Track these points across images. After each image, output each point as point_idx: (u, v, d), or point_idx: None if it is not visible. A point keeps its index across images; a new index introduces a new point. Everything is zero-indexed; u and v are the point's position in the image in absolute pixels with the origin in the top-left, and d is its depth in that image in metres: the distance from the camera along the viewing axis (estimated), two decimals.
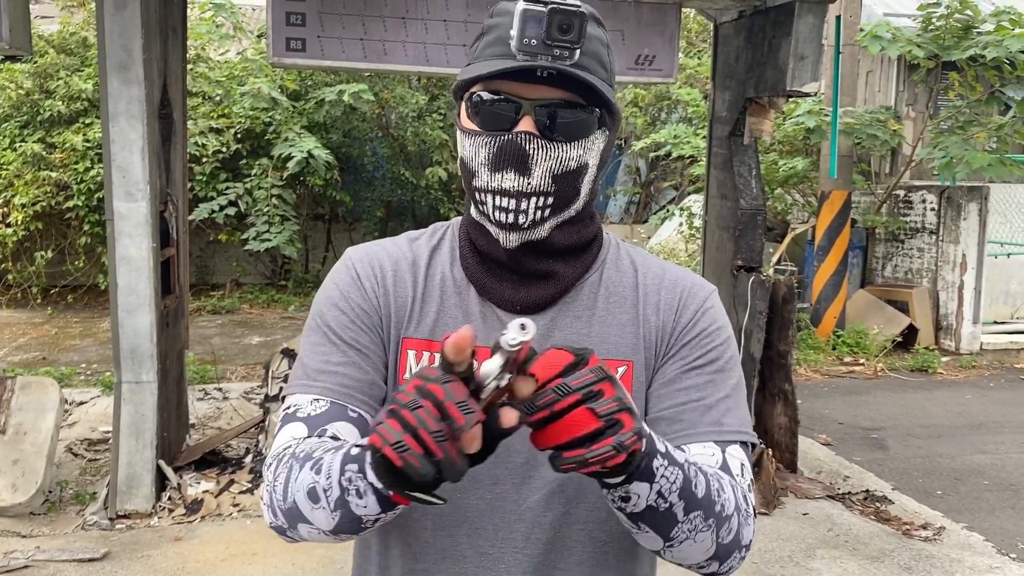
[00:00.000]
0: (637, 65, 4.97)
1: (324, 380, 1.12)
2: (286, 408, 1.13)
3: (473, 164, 1.13)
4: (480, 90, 1.10)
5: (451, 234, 1.24)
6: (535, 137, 1.08)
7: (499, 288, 1.17)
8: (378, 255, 1.22)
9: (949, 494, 5.36)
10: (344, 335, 1.15)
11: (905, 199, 10.07)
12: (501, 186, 1.10)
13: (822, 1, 4.76)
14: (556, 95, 1.08)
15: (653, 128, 12.19)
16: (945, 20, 8.60)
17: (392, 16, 4.69)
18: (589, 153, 1.13)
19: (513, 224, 1.12)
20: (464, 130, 1.14)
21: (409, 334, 1.17)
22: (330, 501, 0.97)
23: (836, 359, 8.81)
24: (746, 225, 5.21)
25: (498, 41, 1.09)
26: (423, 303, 1.18)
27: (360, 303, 1.16)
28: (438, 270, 1.20)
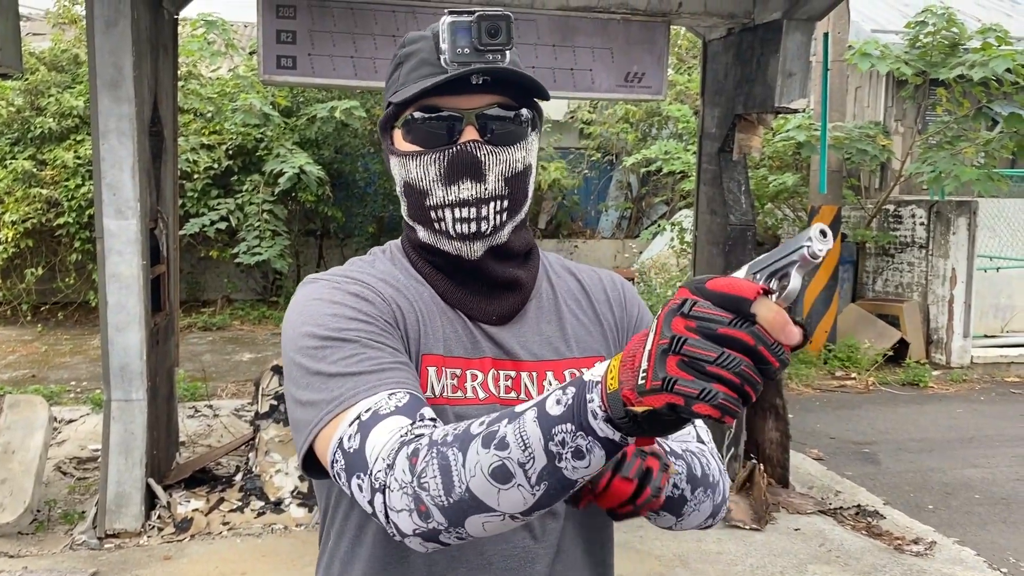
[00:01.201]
0: (626, 82, 5.00)
1: (389, 376, 1.04)
2: (355, 419, 0.99)
3: (423, 184, 1.15)
4: (415, 111, 1.14)
5: (400, 256, 1.24)
6: (482, 144, 1.12)
7: (475, 302, 1.19)
8: (359, 276, 1.18)
9: (940, 508, 5.36)
10: (384, 341, 1.09)
11: (895, 214, 10.12)
12: (459, 197, 1.13)
13: (810, 19, 4.80)
14: (491, 100, 1.13)
15: (644, 144, 12.24)
16: (932, 37, 8.68)
17: (382, 34, 4.71)
18: (530, 154, 1.18)
19: (476, 232, 1.15)
20: (403, 154, 1.16)
21: (428, 350, 1.16)
22: (531, 475, 0.87)
23: (827, 373, 8.83)
24: (736, 240, 5.23)
25: (422, 63, 1.13)
26: (428, 317, 1.17)
27: (379, 315, 1.12)
28: (419, 288, 1.20)
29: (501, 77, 1.11)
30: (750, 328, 0.77)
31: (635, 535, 4.59)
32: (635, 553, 4.40)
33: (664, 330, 0.78)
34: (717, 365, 0.76)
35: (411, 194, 1.17)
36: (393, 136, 1.19)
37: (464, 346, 1.18)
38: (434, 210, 1.15)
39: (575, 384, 0.87)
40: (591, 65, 4.94)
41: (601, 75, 4.99)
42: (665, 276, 10.47)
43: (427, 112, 1.13)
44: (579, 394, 0.85)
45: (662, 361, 0.77)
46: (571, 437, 0.85)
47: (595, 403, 0.84)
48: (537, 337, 1.21)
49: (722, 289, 0.78)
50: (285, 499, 4.73)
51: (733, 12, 5.01)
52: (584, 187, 13.77)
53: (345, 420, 1.00)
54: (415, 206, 1.18)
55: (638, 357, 0.80)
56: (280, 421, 4.86)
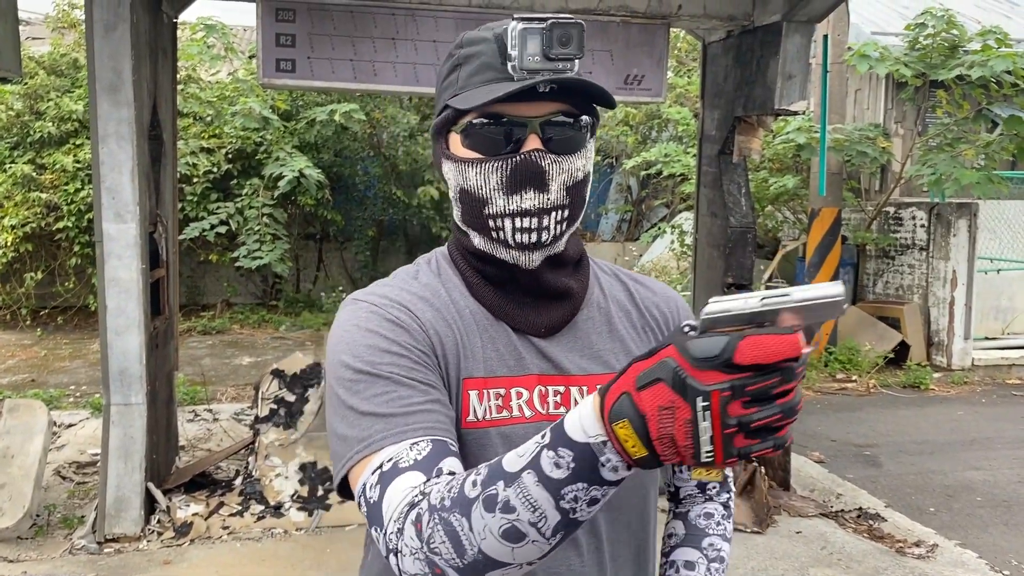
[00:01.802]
0: (626, 85, 4.99)
1: (416, 421, 1.03)
2: (377, 468, 1.00)
3: (483, 192, 1.13)
4: (476, 118, 1.11)
5: (447, 267, 1.22)
6: (546, 153, 1.10)
7: (523, 314, 1.18)
8: (400, 296, 1.16)
9: (942, 511, 5.35)
10: (416, 376, 1.07)
11: (895, 216, 10.12)
12: (521, 207, 1.11)
13: (809, 21, 4.80)
14: (554, 109, 1.11)
15: (644, 146, 12.23)
16: (932, 39, 8.68)
17: (382, 37, 4.70)
18: (589, 162, 1.17)
19: (536, 243, 1.13)
20: (462, 161, 1.14)
21: (469, 373, 1.14)
22: (545, 531, 0.88)
23: (828, 376, 8.81)
24: (736, 243, 5.22)
25: (485, 68, 1.11)
26: (468, 339, 1.15)
27: (414, 344, 1.10)
28: (461, 304, 1.18)
29: (567, 85, 1.10)
30: (792, 374, 0.79)
31: None
32: None
33: (725, 419, 0.78)
34: (779, 420, 0.79)
35: (468, 201, 1.15)
36: (449, 140, 1.17)
37: (507, 364, 1.16)
38: (493, 219, 1.13)
39: (566, 445, 0.86)
40: (591, 67, 4.93)
41: (601, 77, 4.98)
42: (666, 279, 10.46)
43: (490, 118, 1.11)
44: (584, 459, 0.85)
45: (730, 441, 0.79)
46: (584, 492, 0.87)
47: (612, 462, 0.85)
48: (588, 349, 1.21)
49: (767, 358, 0.77)
50: (285, 503, 4.72)
51: (732, 14, 5.00)
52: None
53: (370, 466, 1.01)
54: (472, 213, 1.15)
55: (682, 435, 0.80)
56: (280, 425, 4.85)
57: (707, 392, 0.78)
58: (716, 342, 0.78)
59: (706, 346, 0.79)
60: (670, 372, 0.80)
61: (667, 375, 0.80)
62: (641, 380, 0.82)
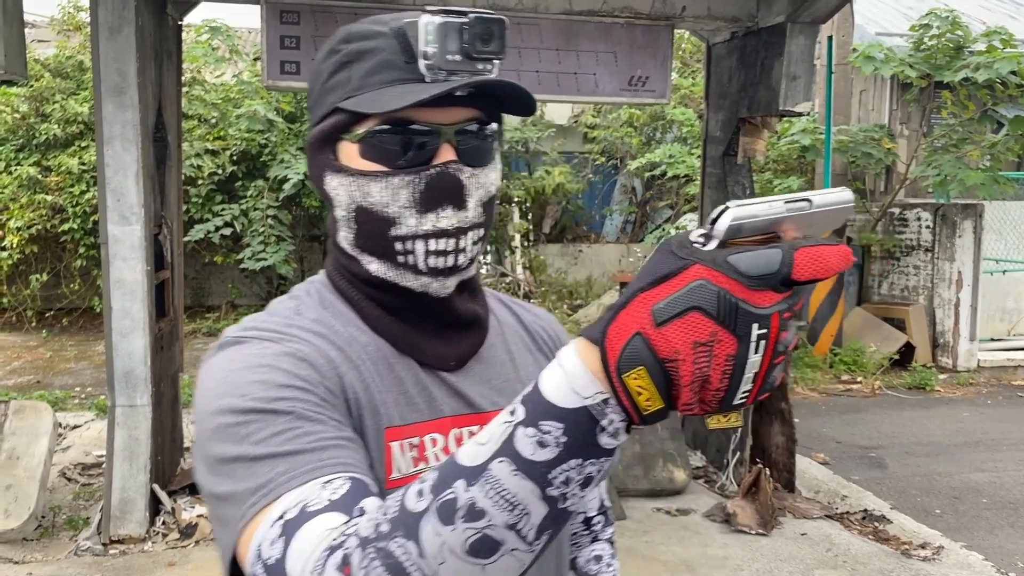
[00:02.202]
0: (630, 86, 4.99)
1: (330, 456, 0.83)
2: (278, 518, 0.78)
3: (390, 210, 0.97)
4: (378, 124, 0.96)
5: (333, 298, 1.05)
6: (463, 166, 0.97)
7: (431, 346, 1.03)
8: (292, 331, 0.97)
9: (948, 513, 5.34)
10: (323, 412, 0.88)
11: (900, 217, 10.10)
12: (437, 227, 0.97)
13: (813, 22, 4.80)
14: (469, 116, 0.98)
15: (648, 148, 12.22)
16: (937, 40, 8.66)
17: None
18: (499, 175, 1.05)
19: (452, 267, 1.00)
20: (362, 174, 0.97)
21: (388, 422, 0.97)
22: (527, 533, 0.72)
23: (833, 377, 8.80)
24: None
25: (384, 66, 0.96)
26: (377, 380, 0.99)
27: (321, 381, 0.91)
28: (362, 340, 1.01)
29: (483, 90, 0.96)
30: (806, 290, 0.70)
31: (640, 540, 4.58)
32: (640, 559, 4.38)
33: (777, 347, 0.67)
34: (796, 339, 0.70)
35: (367, 221, 0.99)
36: (339, 150, 1.00)
37: (418, 407, 1.01)
38: (402, 241, 0.98)
39: (552, 416, 0.70)
40: (595, 69, 4.93)
41: (605, 79, 4.98)
42: None
43: (395, 125, 0.96)
44: (580, 428, 0.70)
45: (772, 371, 0.69)
46: (578, 471, 0.72)
47: (615, 424, 0.71)
48: (496, 380, 1.08)
49: (824, 272, 0.66)
50: None
51: (737, 15, 5.00)
52: (588, 191, 13.75)
53: (268, 518, 0.78)
54: (371, 236, 1.00)
55: (718, 375, 0.67)
56: None
57: (767, 316, 0.66)
58: (771, 255, 0.66)
59: (761, 260, 0.66)
60: (713, 297, 0.65)
61: (708, 301, 0.65)
62: (663, 313, 0.66)
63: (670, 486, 5.19)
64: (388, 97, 0.94)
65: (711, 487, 5.38)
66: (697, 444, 5.84)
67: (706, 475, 5.56)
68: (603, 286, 11.99)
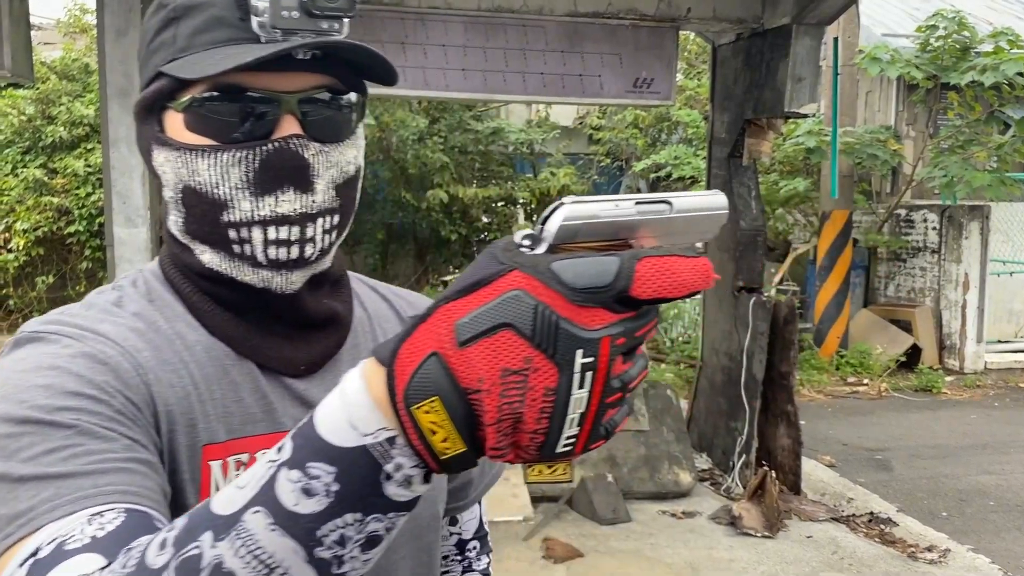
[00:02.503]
0: (635, 88, 4.99)
1: (109, 482, 0.69)
2: (30, 556, 0.64)
3: (220, 192, 0.82)
4: (206, 91, 0.82)
5: (162, 290, 0.89)
6: (309, 140, 0.83)
7: (276, 348, 0.88)
8: (103, 327, 0.82)
9: (954, 516, 5.31)
10: (116, 429, 0.73)
11: (906, 218, 10.07)
12: (276, 212, 0.82)
13: (819, 23, 4.79)
14: (316, 83, 0.84)
15: (653, 149, 12.22)
16: (943, 41, 8.64)
17: (391, 42, 4.71)
18: (360, 152, 0.90)
19: (297, 259, 0.84)
20: (187, 148, 0.83)
21: (210, 438, 0.82)
22: None
23: (840, 379, 8.77)
24: (746, 246, 5.20)
25: (215, 23, 0.82)
26: (204, 388, 0.84)
27: (121, 390, 0.77)
28: (190, 339, 0.86)
29: (331, 53, 0.83)
30: (659, 313, 0.57)
31: (646, 543, 4.57)
32: (646, 561, 4.37)
33: (610, 382, 0.54)
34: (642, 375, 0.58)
35: (196, 204, 0.84)
36: (165, 120, 0.85)
37: (254, 418, 0.85)
38: (236, 228, 0.83)
39: (323, 457, 0.57)
40: (600, 71, 4.93)
41: (610, 81, 4.98)
42: None
43: (227, 92, 0.81)
44: (356, 473, 0.56)
45: (604, 412, 0.55)
46: (357, 528, 0.57)
47: (405, 471, 0.57)
48: None
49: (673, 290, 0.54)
50: None
51: (742, 17, 4.99)
52: (593, 193, 13.76)
53: (20, 554, 0.65)
54: (201, 220, 0.85)
55: (535, 413, 0.53)
56: None
57: (594, 341, 0.52)
58: (605, 264, 0.53)
59: (591, 269, 0.53)
60: (528, 312, 0.52)
61: (522, 317, 0.52)
62: (467, 329, 0.53)
63: (675, 488, 5.18)
64: (213, 60, 0.80)
65: (717, 490, 5.37)
66: (703, 446, 5.83)
67: (712, 477, 5.55)
68: None
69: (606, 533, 4.66)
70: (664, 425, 5.38)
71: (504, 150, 11.80)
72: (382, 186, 11.43)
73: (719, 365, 5.59)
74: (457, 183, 10.77)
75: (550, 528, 4.66)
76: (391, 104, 10.42)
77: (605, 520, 4.75)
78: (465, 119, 11.07)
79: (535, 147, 12.03)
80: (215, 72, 0.78)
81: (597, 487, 4.89)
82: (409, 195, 10.92)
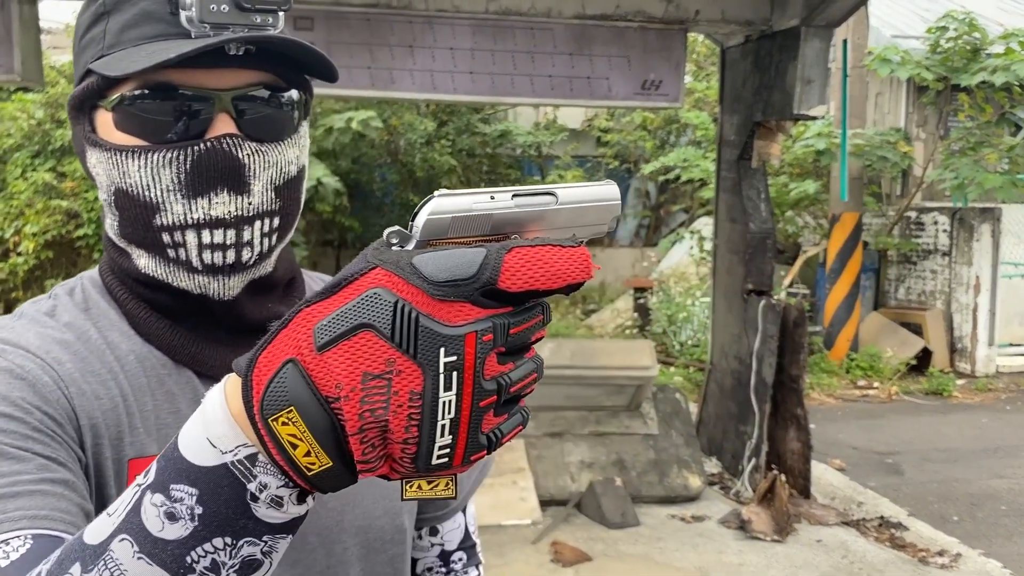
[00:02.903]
0: (643, 90, 4.97)
1: (16, 507, 0.66)
2: None
3: (151, 193, 0.79)
4: (135, 89, 0.79)
5: (98, 297, 0.87)
6: (243, 139, 0.80)
7: (216, 355, 0.84)
8: (27, 340, 0.79)
9: (966, 520, 5.28)
10: (30, 448, 0.70)
11: (917, 220, 10.02)
12: (210, 214, 0.79)
13: (828, 25, 4.76)
14: (252, 80, 0.81)
15: (662, 151, 12.20)
16: (954, 42, 8.60)
17: (399, 45, 4.71)
18: (304, 152, 0.87)
19: (234, 264, 0.81)
20: (117, 149, 0.80)
21: (138, 451, 0.79)
22: None
23: (850, 383, 8.73)
24: (755, 249, 5.18)
25: (145, 18, 0.79)
26: (135, 399, 0.81)
27: (38, 406, 0.74)
28: (122, 349, 0.83)
29: (269, 49, 0.80)
30: (550, 311, 0.55)
31: (655, 547, 4.55)
32: (655, 565, 4.35)
33: (481, 383, 0.50)
34: (531, 382, 0.54)
35: (128, 207, 0.81)
36: (96, 119, 0.82)
37: None
38: (169, 232, 0.80)
39: (184, 478, 0.54)
40: (608, 73, 4.92)
41: (618, 83, 4.96)
42: (684, 285, 10.42)
43: (157, 90, 0.78)
44: (219, 494, 0.54)
45: (480, 420, 0.51)
46: (229, 553, 0.54)
47: (272, 490, 0.54)
48: None
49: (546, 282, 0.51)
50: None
51: (751, 19, 4.97)
52: None
53: None
54: (134, 224, 0.82)
55: (402, 420, 0.50)
56: None
57: (457, 338, 0.49)
58: (469, 255, 0.50)
59: (450, 261, 0.50)
60: (386, 310, 0.49)
61: (381, 316, 0.49)
62: (325, 332, 0.50)
63: (685, 492, 5.16)
64: (138, 56, 0.76)
65: (726, 493, 5.35)
66: (712, 450, 5.81)
67: (721, 481, 5.52)
68: (617, 291, 11.96)
69: (615, 537, 4.64)
70: (673, 429, 5.36)
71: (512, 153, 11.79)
72: (390, 189, 11.45)
73: (728, 368, 5.57)
74: (465, 186, 10.77)
75: (558, 532, 4.65)
76: (399, 107, 10.44)
77: (614, 524, 4.73)
78: (473, 122, 11.07)
79: (543, 150, 12.03)
80: (137, 70, 0.75)
81: (606, 491, 4.87)
82: (417, 198, 10.93)
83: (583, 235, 0.56)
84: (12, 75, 4.45)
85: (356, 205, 11.17)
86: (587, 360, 5.08)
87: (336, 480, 0.53)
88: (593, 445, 5.22)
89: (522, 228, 0.54)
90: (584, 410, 5.33)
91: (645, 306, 10.21)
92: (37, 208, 9.34)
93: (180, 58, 0.73)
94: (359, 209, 11.24)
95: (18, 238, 9.45)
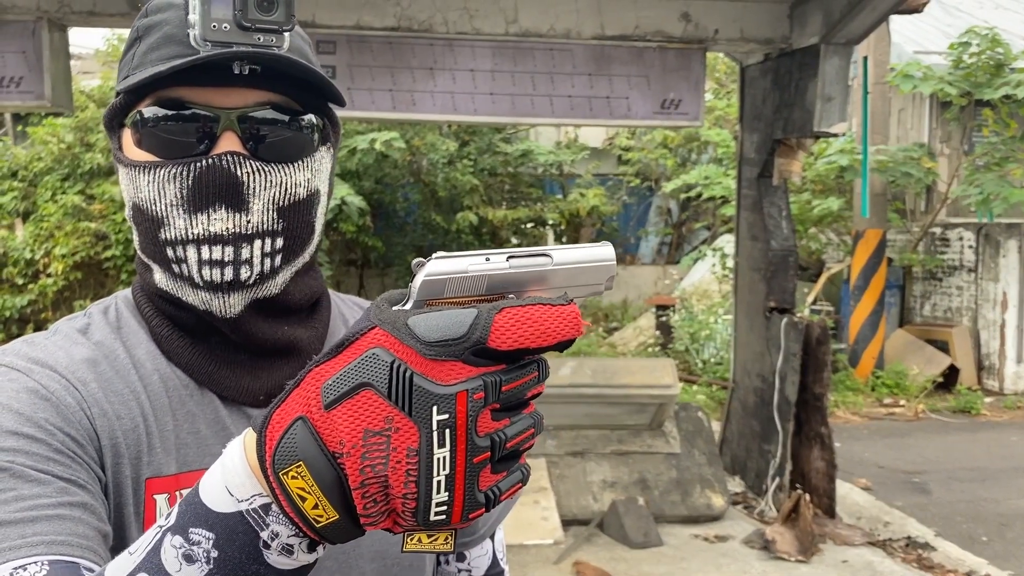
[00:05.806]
0: (663, 109, 4.99)
1: (36, 532, 0.67)
2: None
3: (158, 208, 0.82)
4: (148, 106, 0.82)
5: (130, 317, 0.89)
6: (245, 158, 0.81)
7: (234, 377, 0.86)
8: (55, 358, 0.81)
9: (994, 540, 5.20)
10: (52, 470, 0.72)
11: (942, 237, 9.94)
12: (208, 230, 0.81)
13: (848, 43, 4.76)
14: (263, 99, 0.83)
15: (683, 169, 12.20)
16: (977, 58, 8.56)
17: (420, 67, 4.76)
18: (318, 177, 0.87)
19: (233, 281, 0.82)
20: (132, 164, 0.83)
21: (156, 471, 0.81)
22: None
23: (875, 401, 8.65)
24: (777, 266, 5.17)
25: (168, 40, 0.82)
26: (157, 420, 0.83)
27: (61, 427, 0.75)
28: (147, 369, 0.85)
29: (274, 67, 0.80)
30: (547, 367, 0.57)
31: (678, 567, 4.52)
32: None
33: (474, 440, 0.52)
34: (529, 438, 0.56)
35: (141, 222, 0.84)
36: (122, 138, 0.86)
37: (211, 451, 0.84)
38: (172, 246, 0.82)
39: (203, 523, 0.58)
40: (627, 93, 4.94)
41: (637, 103, 4.99)
42: (707, 302, 10.38)
43: (168, 108, 0.81)
44: (234, 540, 0.57)
45: (477, 477, 0.53)
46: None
47: (283, 539, 0.57)
48: None
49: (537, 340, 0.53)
50: None
51: (770, 37, 4.99)
52: (623, 213, 13.75)
53: None
54: (147, 238, 0.85)
55: (400, 476, 0.53)
56: None
57: (449, 397, 0.52)
58: (459, 316, 0.52)
59: (441, 322, 0.52)
60: (383, 370, 0.52)
61: (379, 375, 0.52)
62: (331, 391, 0.54)
63: (708, 512, 5.13)
64: (147, 73, 0.80)
65: (750, 513, 5.31)
66: (736, 469, 5.77)
67: (745, 501, 5.48)
68: (639, 308, 11.94)
69: (637, 557, 4.61)
70: (695, 448, 5.33)
71: (533, 171, 11.84)
72: (412, 208, 11.52)
73: (751, 387, 5.54)
74: (487, 205, 10.83)
75: (581, 552, 4.63)
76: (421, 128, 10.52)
77: (636, 544, 4.71)
78: (494, 141, 11.13)
79: (564, 168, 12.07)
80: (134, 83, 0.79)
81: (628, 510, 4.85)
82: (439, 217, 10.99)
83: (579, 295, 0.58)
84: (43, 101, 4.55)
85: (379, 225, 11.26)
86: (608, 379, 5.08)
87: (343, 533, 0.56)
88: (615, 464, 5.20)
89: (518, 288, 0.56)
90: (606, 429, 5.32)
91: (667, 324, 10.18)
92: (66, 230, 9.49)
93: (171, 69, 0.76)
94: (382, 229, 11.32)
95: (48, 259, 9.60)
